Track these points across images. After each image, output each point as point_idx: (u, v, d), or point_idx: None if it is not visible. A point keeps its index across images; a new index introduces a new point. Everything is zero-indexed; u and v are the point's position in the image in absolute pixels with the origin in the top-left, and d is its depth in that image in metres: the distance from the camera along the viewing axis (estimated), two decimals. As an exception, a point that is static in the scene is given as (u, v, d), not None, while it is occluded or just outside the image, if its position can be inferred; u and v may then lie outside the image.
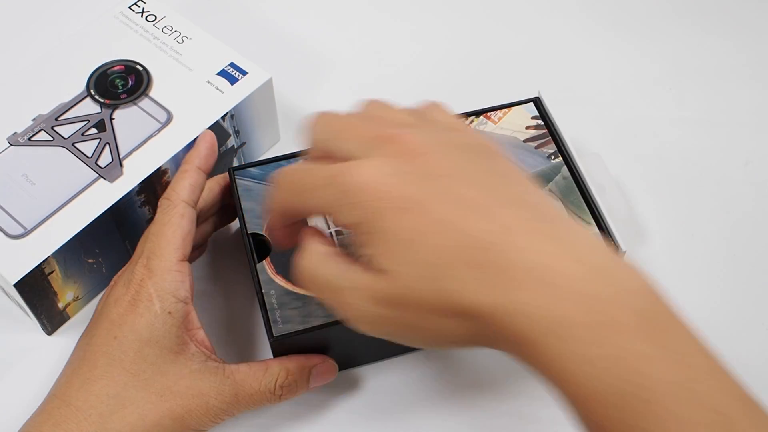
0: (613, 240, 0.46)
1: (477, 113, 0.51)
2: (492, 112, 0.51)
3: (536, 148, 0.50)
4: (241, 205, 0.48)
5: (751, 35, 0.65)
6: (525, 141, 0.50)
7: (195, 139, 0.50)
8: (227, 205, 0.50)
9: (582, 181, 0.48)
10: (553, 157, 0.49)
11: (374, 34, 0.65)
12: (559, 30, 0.65)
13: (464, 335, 0.34)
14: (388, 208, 0.33)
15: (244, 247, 0.46)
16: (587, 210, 0.47)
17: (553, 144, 0.50)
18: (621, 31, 0.65)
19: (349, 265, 0.35)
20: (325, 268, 0.36)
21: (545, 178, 0.48)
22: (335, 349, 0.45)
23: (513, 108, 0.51)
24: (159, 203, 0.45)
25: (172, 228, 0.43)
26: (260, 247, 0.46)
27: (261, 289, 0.45)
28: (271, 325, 0.43)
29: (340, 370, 0.46)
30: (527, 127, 0.51)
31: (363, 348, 0.47)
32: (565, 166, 0.49)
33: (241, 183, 0.48)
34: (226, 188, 0.49)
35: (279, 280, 0.45)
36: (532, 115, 0.51)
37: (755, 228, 0.55)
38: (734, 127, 0.59)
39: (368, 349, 0.47)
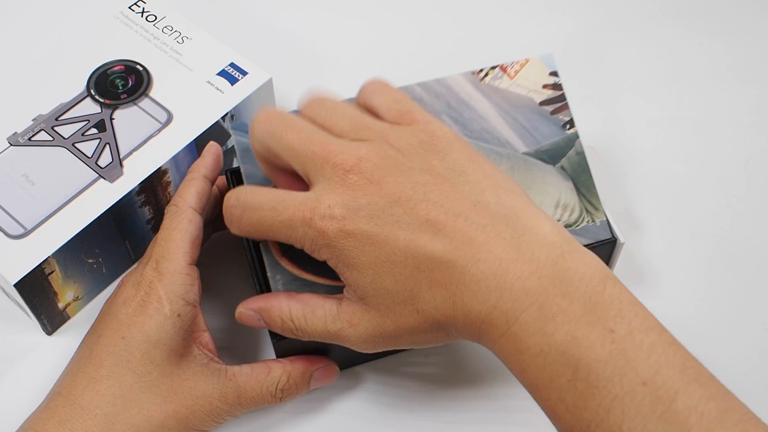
0: (612, 231, 0.46)
1: (492, 67, 0.48)
2: (509, 66, 0.48)
3: (552, 113, 0.47)
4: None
5: (751, 35, 0.65)
6: (541, 103, 0.47)
7: (195, 140, 0.50)
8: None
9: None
10: (568, 126, 0.47)
11: (374, 34, 0.65)
12: (558, 29, 0.66)
13: (446, 338, 0.38)
14: (353, 246, 0.37)
15: (246, 255, 0.46)
16: (596, 193, 0.46)
17: (569, 110, 0.47)
18: (621, 30, 0.65)
19: (330, 306, 0.39)
20: (313, 322, 0.40)
21: (558, 152, 0.46)
22: (337, 349, 0.45)
23: (531, 60, 0.48)
24: (166, 210, 0.45)
25: (181, 233, 0.43)
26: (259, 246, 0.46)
27: (264, 292, 0.44)
28: None
29: (341, 369, 0.46)
30: (544, 86, 0.48)
31: None
32: (579, 139, 0.47)
33: (240, 141, 0.45)
34: (224, 190, 0.49)
35: (285, 264, 0.43)
36: (550, 71, 0.48)
37: (755, 228, 0.55)
38: (734, 127, 0.59)
39: None
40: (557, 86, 0.48)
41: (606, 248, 0.46)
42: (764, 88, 0.62)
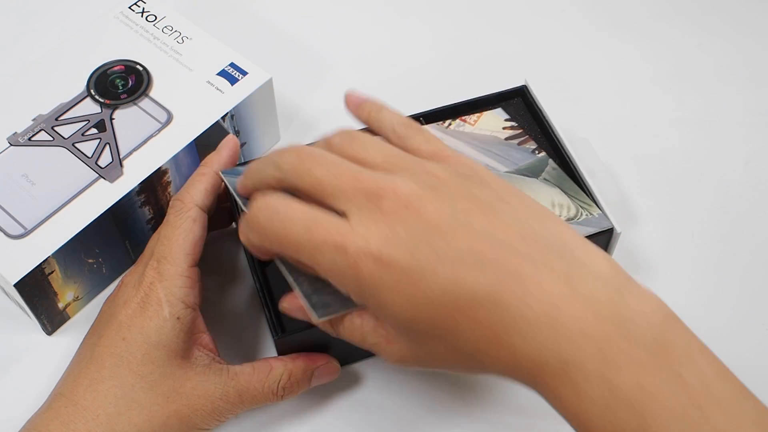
0: (608, 220, 0.47)
1: (454, 113, 0.51)
2: (467, 117, 0.51)
3: (518, 144, 0.50)
4: (239, 208, 0.47)
5: (750, 35, 0.65)
6: (506, 139, 0.51)
7: (195, 140, 0.50)
8: (222, 208, 0.49)
9: (573, 164, 0.49)
10: (537, 151, 0.50)
11: (374, 34, 0.65)
12: (557, 29, 0.66)
13: (484, 372, 0.35)
14: (388, 283, 0.33)
15: (244, 252, 0.46)
16: (584, 193, 0.48)
17: (533, 141, 0.50)
18: (620, 31, 0.65)
19: (368, 319, 0.37)
20: (351, 330, 0.38)
21: (536, 169, 0.49)
22: (338, 345, 0.45)
23: (484, 113, 0.52)
24: (171, 203, 0.44)
25: (185, 233, 0.43)
26: None
27: (263, 290, 0.45)
28: (315, 310, 0.39)
29: (341, 365, 0.47)
30: (504, 128, 0.51)
31: None
32: (550, 159, 0.49)
33: (231, 181, 0.44)
34: (222, 190, 0.49)
35: (304, 268, 0.40)
36: (504, 118, 0.52)
37: (755, 228, 0.55)
38: (734, 127, 0.59)
39: None
40: (515, 127, 0.51)
41: (603, 238, 0.47)
42: (764, 88, 0.62)
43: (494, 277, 0.32)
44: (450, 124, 0.51)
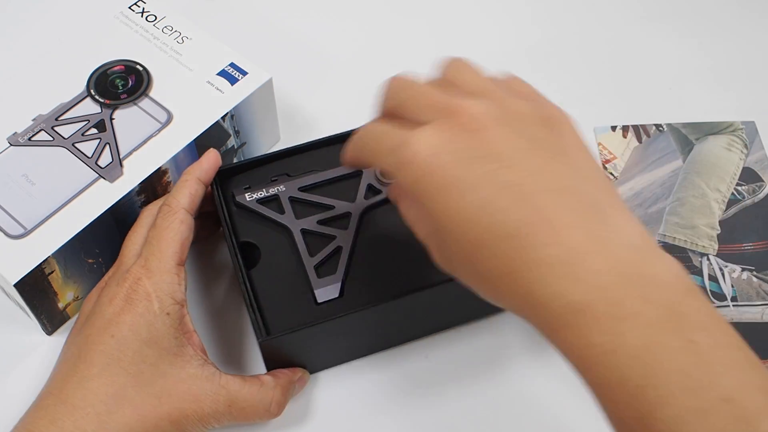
0: None
1: None
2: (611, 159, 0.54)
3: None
4: (228, 214, 0.48)
5: (752, 35, 0.65)
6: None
7: (195, 140, 0.50)
8: (208, 213, 0.49)
9: None
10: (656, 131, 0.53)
11: (374, 34, 0.65)
12: (557, 27, 0.66)
13: (502, 306, 0.36)
14: (432, 186, 0.35)
15: (230, 255, 0.46)
16: None
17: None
18: (620, 30, 0.65)
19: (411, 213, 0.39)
20: (403, 211, 0.39)
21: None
22: (319, 348, 0.46)
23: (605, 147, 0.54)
24: (159, 210, 0.45)
25: (172, 233, 0.44)
26: (247, 253, 0.47)
27: (249, 294, 0.45)
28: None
29: (312, 372, 0.48)
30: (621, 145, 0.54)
31: (349, 342, 0.47)
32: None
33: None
34: (208, 194, 0.48)
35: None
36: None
37: (755, 228, 0.55)
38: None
39: (352, 345, 0.48)
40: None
41: None
42: (765, 88, 0.62)
43: (527, 215, 0.33)
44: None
